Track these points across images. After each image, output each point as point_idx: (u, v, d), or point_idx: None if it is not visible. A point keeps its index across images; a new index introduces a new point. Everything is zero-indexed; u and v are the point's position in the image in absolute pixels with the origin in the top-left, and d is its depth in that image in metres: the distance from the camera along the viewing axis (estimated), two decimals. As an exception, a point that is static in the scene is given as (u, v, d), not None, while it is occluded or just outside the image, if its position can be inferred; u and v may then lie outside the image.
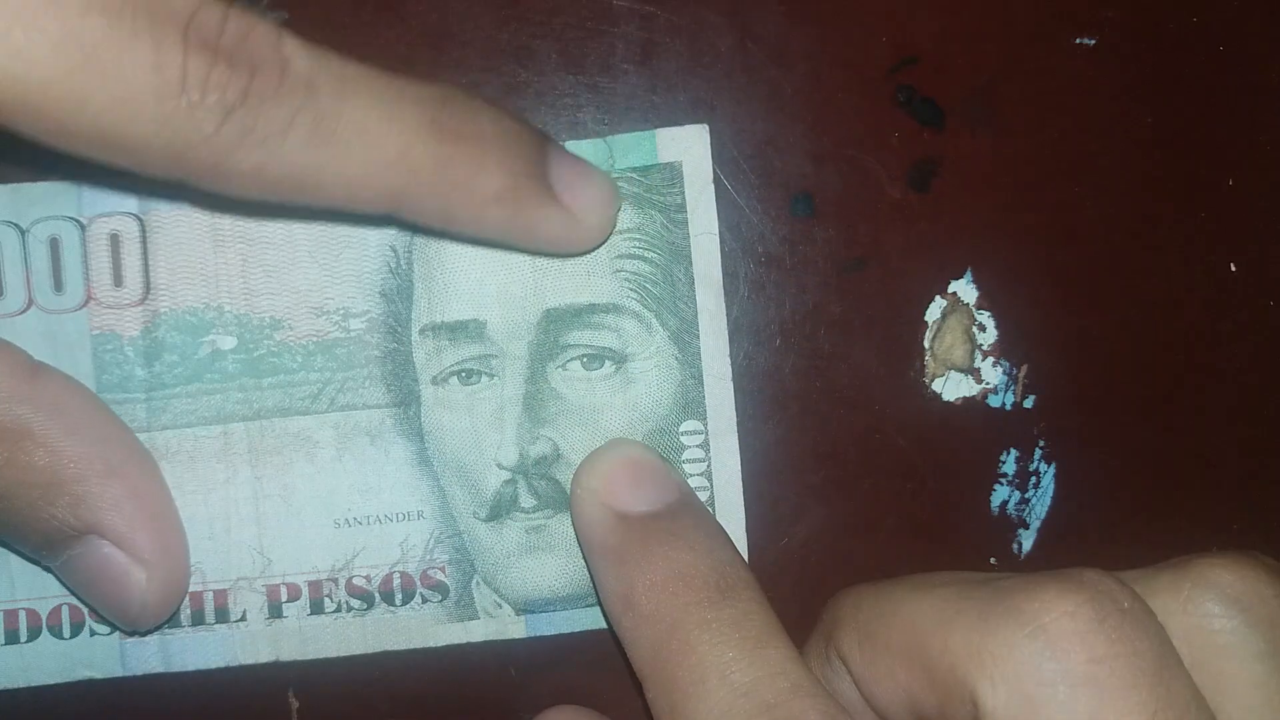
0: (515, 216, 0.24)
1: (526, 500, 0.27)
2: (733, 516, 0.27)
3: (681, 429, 0.27)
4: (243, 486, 0.27)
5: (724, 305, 0.27)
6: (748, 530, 0.27)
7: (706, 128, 0.27)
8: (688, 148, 0.27)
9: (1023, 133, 0.28)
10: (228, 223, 0.27)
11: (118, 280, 0.26)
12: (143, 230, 0.26)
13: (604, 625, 0.27)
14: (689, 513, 0.24)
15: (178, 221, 0.27)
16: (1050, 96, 0.28)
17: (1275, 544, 0.29)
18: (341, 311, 0.27)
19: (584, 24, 0.27)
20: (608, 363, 0.27)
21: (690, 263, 0.27)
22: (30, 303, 0.26)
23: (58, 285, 0.26)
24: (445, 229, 0.24)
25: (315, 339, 0.27)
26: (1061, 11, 0.28)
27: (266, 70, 0.20)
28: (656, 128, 0.27)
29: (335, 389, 0.27)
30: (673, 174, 0.27)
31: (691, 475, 0.27)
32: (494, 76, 0.27)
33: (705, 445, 0.27)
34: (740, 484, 0.27)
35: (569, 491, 0.26)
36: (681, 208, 0.27)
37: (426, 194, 0.22)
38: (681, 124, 0.27)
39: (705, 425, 0.27)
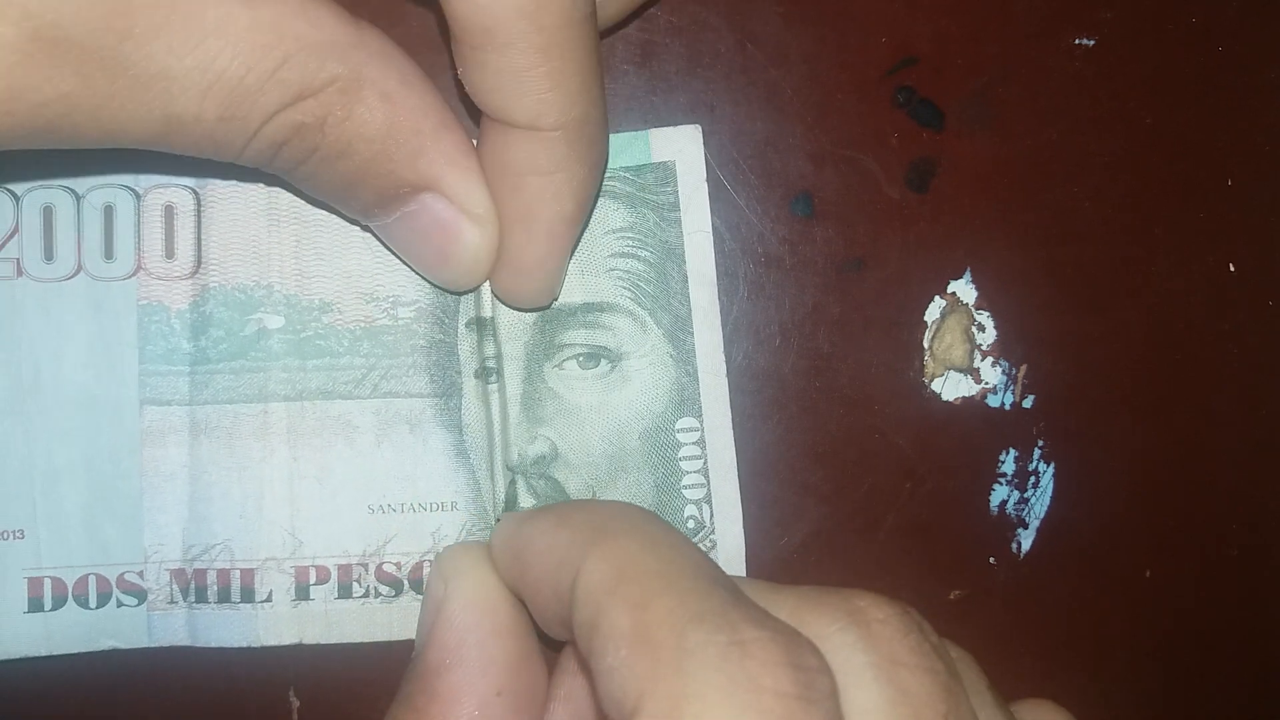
0: None
1: (525, 499, 0.27)
2: (730, 512, 0.27)
3: (677, 426, 0.27)
4: (279, 466, 0.27)
5: (718, 302, 0.27)
6: (746, 530, 0.27)
7: (699, 128, 0.27)
8: (681, 147, 0.27)
9: (1022, 133, 0.28)
10: (284, 202, 0.27)
11: (169, 252, 0.27)
12: (198, 204, 0.27)
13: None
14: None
15: (233, 197, 0.27)
16: (1049, 97, 0.28)
17: (1276, 544, 0.29)
18: (391, 299, 0.27)
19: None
20: (603, 361, 0.27)
21: (684, 261, 0.27)
22: (79, 268, 0.26)
23: (108, 253, 0.26)
24: None
25: (363, 324, 0.27)
26: (1060, 12, 0.28)
27: None
28: (653, 128, 0.27)
29: (379, 375, 0.27)
30: (666, 173, 0.27)
31: (688, 472, 0.27)
32: (494, 77, 0.27)
33: (701, 442, 0.27)
34: (737, 480, 0.27)
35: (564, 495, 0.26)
36: (675, 206, 0.27)
37: None
38: (681, 125, 0.27)
39: (701, 422, 0.27)
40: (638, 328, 0.27)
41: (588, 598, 0.19)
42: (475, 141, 0.24)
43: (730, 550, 0.27)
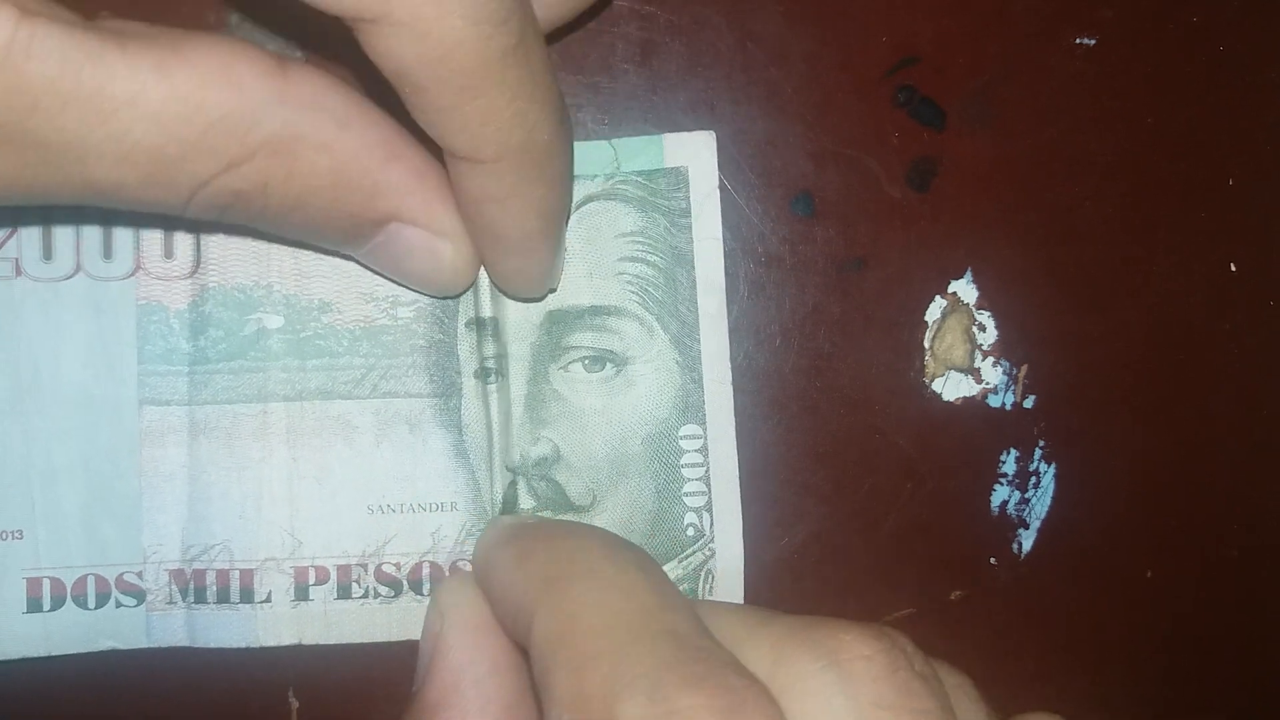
0: None
1: (526, 501, 0.27)
2: (730, 521, 0.27)
3: (681, 433, 0.27)
4: (278, 466, 0.27)
5: (726, 310, 0.27)
6: (746, 531, 0.27)
7: (714, 134, 0.27)
8: (694, 153, 0.27)
9: (1023, 133, 0.28)
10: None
11: (168, 252, 0.27)
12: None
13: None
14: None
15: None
16: (1050, 96, 0.28)
17: (1276, 545, 0.29)
18: (390, 299, 0.27)
19: (584, 24, 0.27)
20: (609, 365, 0.27)
21: (693, 267, 0.27)
22: (78, 268, 0.26)
23: (107, 253, 0.26)
24: None
25: (362, 324, 0.27)
26: (1061, 11, 0.28)
27: None
28: (657, 128, 0.27)
29: (379, 375, 0.27)
30: (678, 179, 0.27)
31: (689, 479, 0.27)
32: (494, 77, 0.27)
33: (704, 450, 0.27)
34: (738, 489, 0.27)
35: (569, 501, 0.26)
36: (686, 212, 0.27)
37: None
38: (681, 124, 0.27)
39: (704, 430, 0.27)
40: (644, 332, 0.27)
41: (538, 653, 0.19)
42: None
43: (729, 559, 0.27)
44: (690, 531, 0.27)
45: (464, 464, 0.27)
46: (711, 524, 0.27)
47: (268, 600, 0.27)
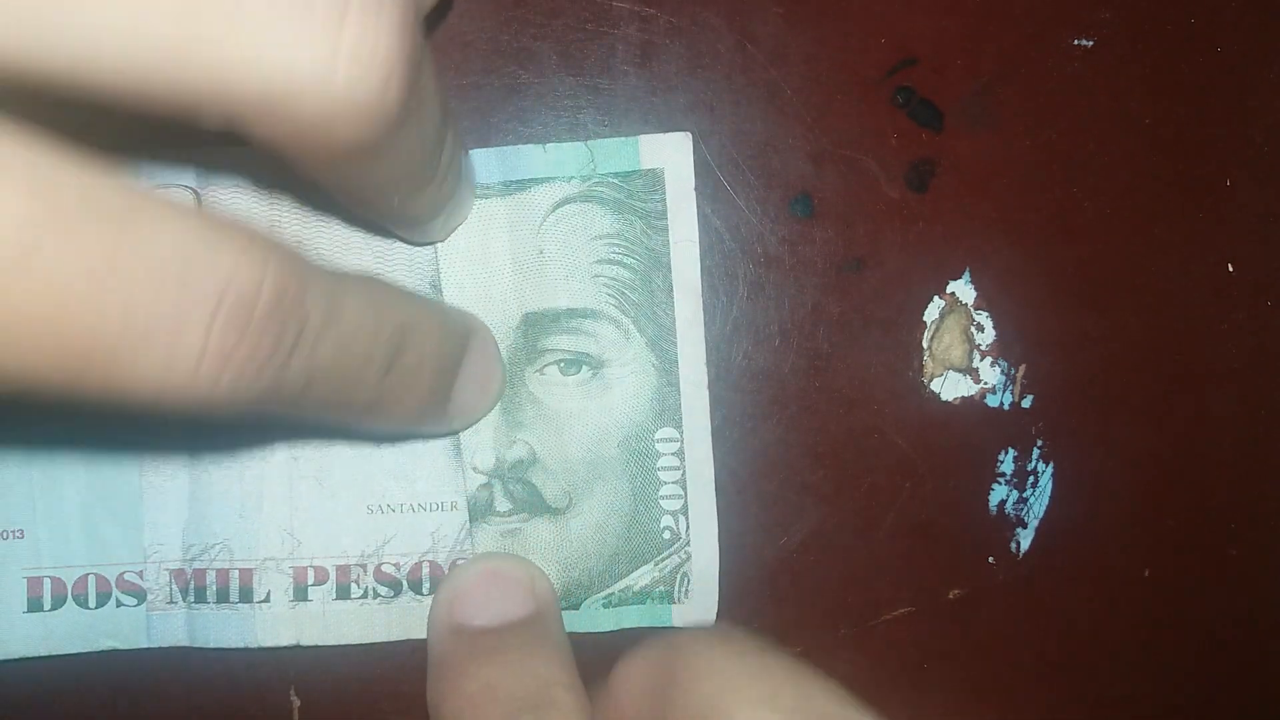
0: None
1: (502, 504, 0.27)
2: (706, 524, 0.27)
3: (657, 436, 0.27)
4: (278, 466, 0.27)
5: (702, 313, 0.27)
6: (745, 530, 0.27)
7: (689, 135, 0.27)
8: (670, 155, 0.27)
9: (1021, 133, 0.28)
10: (286, 204, 0.26)
11: None
12: (198, 204, 0.26)
13: (581, 629, 0.27)
14: (525, 630, 0.24)
15: (235, 199, 0.26)
16: (1048, 97, 0.28)
17: (1275, 544, 0.29)
18: None
19: (584, 26, 0.28)
20: (585, 368, 0.27)
21: (669, 270, 0.27)
22: None
23: None
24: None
25: None
26: (1060, 13, 0.28)
27: None
28: (658, 130, 0.27)
29: None
30: (654, 181, 0.27)
31: (666, 483, 0.27)
32: (495, 78, 0.28)
33: (680, 453, 0.27)
34: (714, 492, 0.27)
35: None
36: (662, 214, 0.27)
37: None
38: (681, 125, 0.27)
39: (681, 433, 0.27)
40: (621, 335, 0.27)
41: None
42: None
43: (704, 562, 0.27)
44: (666, 534, 0.27)
45: (463, 464, 0.27)
46: (687, 527, 0.27)
47: (266, 600, 0.27)
